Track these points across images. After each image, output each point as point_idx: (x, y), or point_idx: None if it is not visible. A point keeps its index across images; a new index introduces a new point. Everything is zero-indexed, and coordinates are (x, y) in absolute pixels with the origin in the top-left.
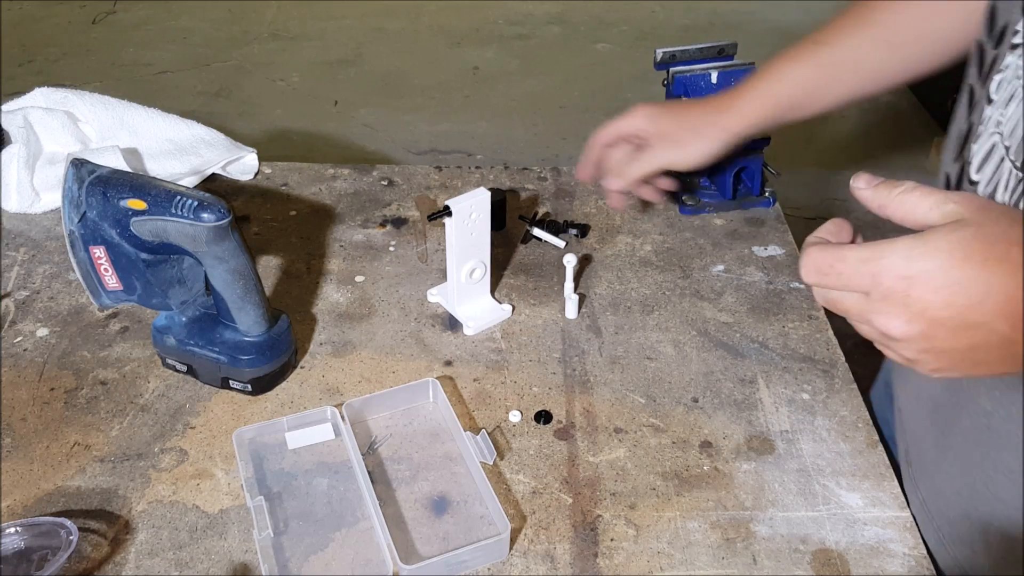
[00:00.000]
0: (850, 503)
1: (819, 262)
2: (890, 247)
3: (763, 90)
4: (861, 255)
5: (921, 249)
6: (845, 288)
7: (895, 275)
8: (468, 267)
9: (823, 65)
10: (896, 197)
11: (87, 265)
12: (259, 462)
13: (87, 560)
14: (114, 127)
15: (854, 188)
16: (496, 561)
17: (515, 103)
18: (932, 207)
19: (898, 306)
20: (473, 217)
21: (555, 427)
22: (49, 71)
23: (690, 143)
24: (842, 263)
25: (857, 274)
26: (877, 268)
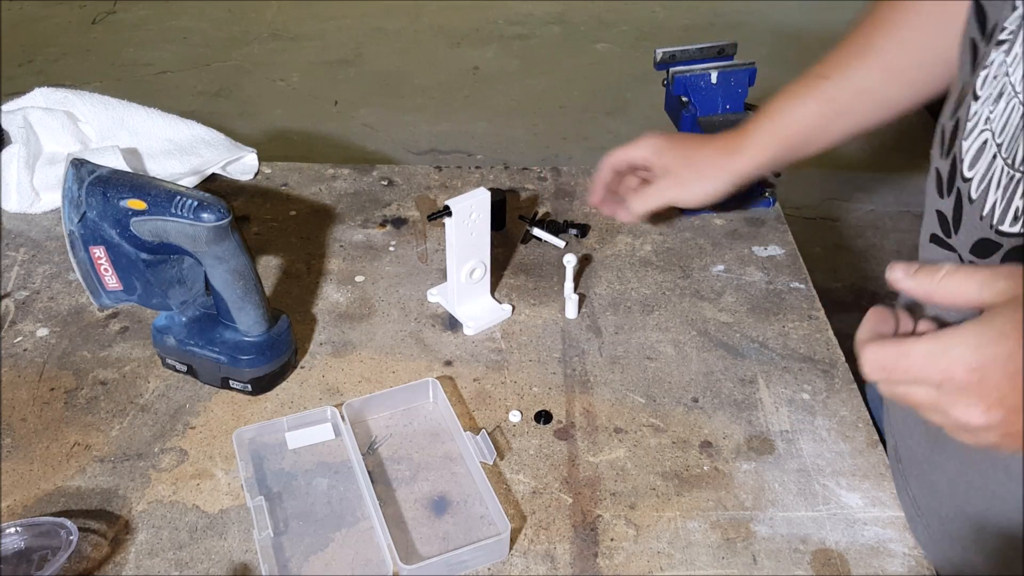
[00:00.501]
0: (850, 503)
1: (883, 360)
2: (956, 337)
3: (769, 130)
4: (928, 349)
5: (988, 336)
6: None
7: (966, 367)
8: (468, 267)
9: (828, 100)
10: (940, 283)
11: (87, 265)
12: (259, 462)
13: (87, 560)
14: (114, 127)
15: (892, 280)
16: (496, 561)
17: (515, 103)
18: (982, 286)
19: (974, 396)
20: (473, 217)
21: (555, 427)
22: (49, 71)
23: (693, 184)
24: (907, 359)
25: (926, 368)
26: (947, 362)
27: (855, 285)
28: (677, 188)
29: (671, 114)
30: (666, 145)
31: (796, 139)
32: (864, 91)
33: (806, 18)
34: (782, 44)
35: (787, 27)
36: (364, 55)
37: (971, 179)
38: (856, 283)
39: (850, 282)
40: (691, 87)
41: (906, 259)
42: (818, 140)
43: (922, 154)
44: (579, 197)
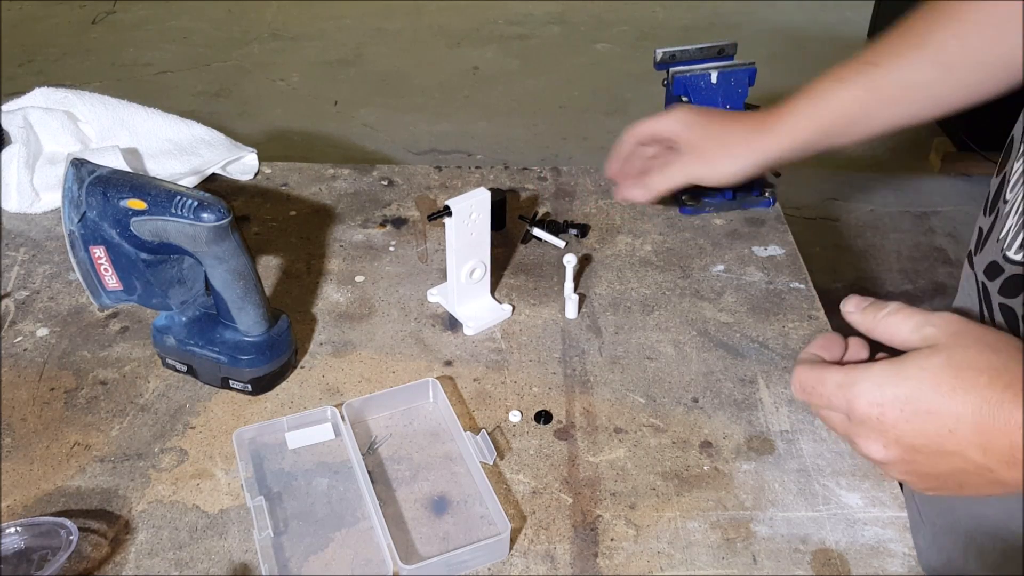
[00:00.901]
0: (850, 503)
1: (804, 381)
2: (865, 373)
3: (807, 112)
4: (838, 379)
5: (893, 377)
6: (827, 408)
7: (867, 401)
8: (468, 267)
9: (873, 88)
10: (881, 320)
11: (87, 265)
12: (259, 462)
13: (87, 560)
14: (114, 127)
15: (844, 312)
16: (496, 561)
17: (515, 103)
18: (913, 330)
19: (874, 431)
20: (473, 217)
21: (555, 427)
22: (49, 71)
23: (719, 161)
24: (822, 385)
25: (835, 397)
26: (851, 394)
27: (855, 285)
28: (702, 165)
29: None
30: (695, 119)
31: (834, 124)
32: (914, 84)
33: (806, 18)
34: (782, 44)
35: (787, 27)
36: (364, 55)
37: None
38: (856, 283)
39: (850, 282)
40: (691, 87)
41: (906, 259)
42: (856, 129)
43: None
44: (579, 197)
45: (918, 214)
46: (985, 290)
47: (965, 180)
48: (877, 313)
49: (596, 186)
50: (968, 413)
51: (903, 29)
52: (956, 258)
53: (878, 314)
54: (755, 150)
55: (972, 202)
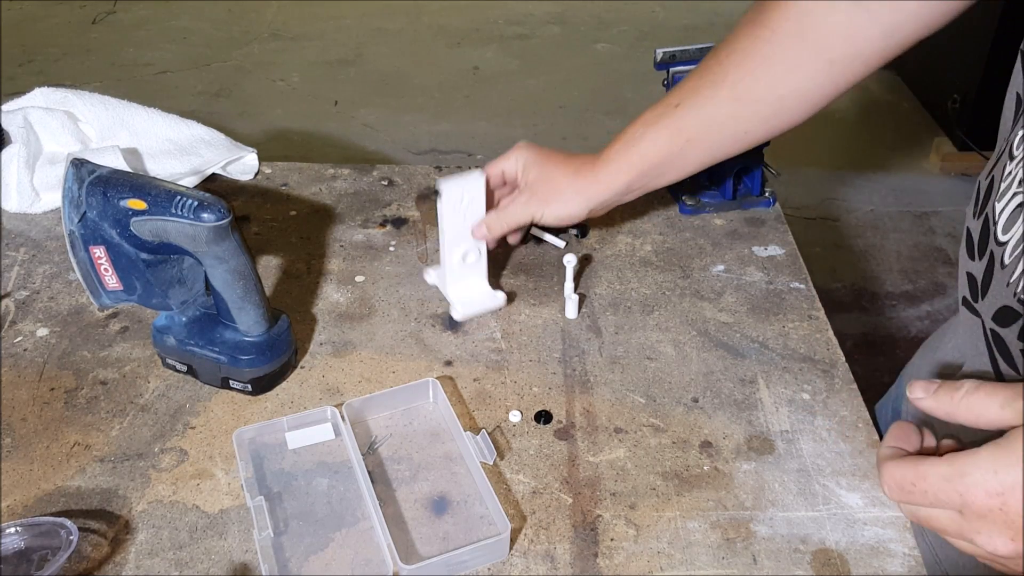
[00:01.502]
0: (850, 503)
1: (900, 480)
2: (973, 461)
3: (624, 158)
4: (944, 472)
5: (1006, 459)
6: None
7: (985, 492)
8: (460, 250)
9: (677, 129)
10: (961, 402)
11: (87, 265)
12: (259, 462)
13: (87, 560)
14: (114, 127)
15: (913, 400)
16: (496, 561)
17: (515, 103)
18: (1003, 405)
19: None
20: (465, 201)
21: (555, 427)
22: (49, 71)
23: (553, 204)
24: (924, 481)
25: (943, 492)
26: (964, 487)
27: (855, 285)
28: (536, 206)
29: None
30: (533, 159)
31: (649, 167)
32: (714, 122)
33: None
34: None
35: None
36: (364, 55)
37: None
38: (856, 283)
39: (850, 282)
40: None
41: (906, 259)
42: (670, 169)
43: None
44: None
45: (918, 214)
46: (997, 337)
47: (965, 180)
48: (954, 395)
49: None
50: None
51: (701, 70)
52: (956, 258)
53: (955, 395)
54: (583, 195)
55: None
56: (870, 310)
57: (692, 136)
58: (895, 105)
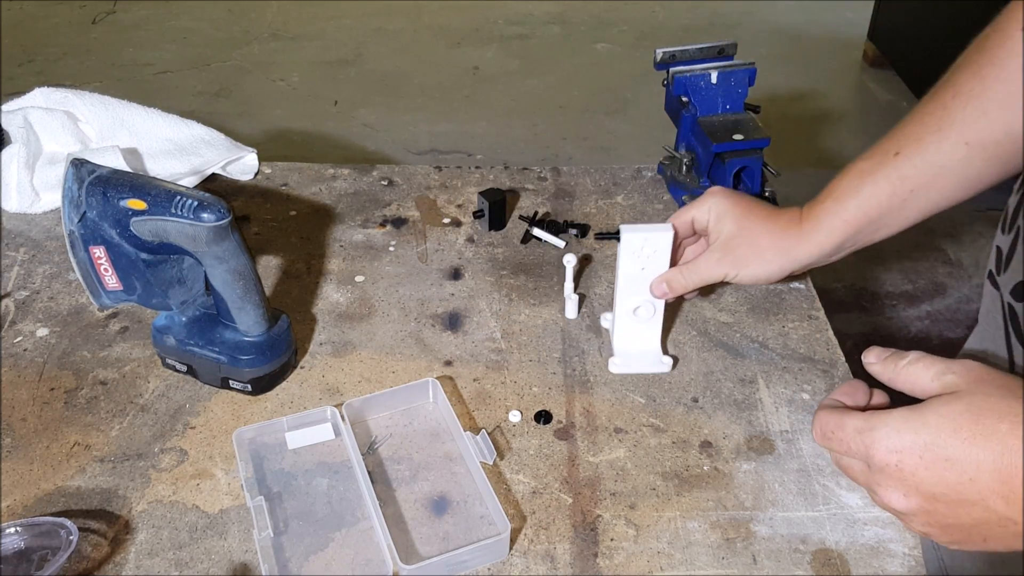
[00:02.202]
0: (850, 503)
1: (824, 426)
2: (883, 419)
3: (838, 214)
4: (857, 424)
5: (912, 423)
6: (846, 455)
7: (886, 448)
8: (633, 303)
9: (901, 179)
10: (902, 369)
11: (87, 265)
12: (259, 462)
13: (87, 560)
14: (114, 127)
15: (865, 364)
16: (496, 561)
17: (515, 103)
18: (934, 378)
19: (893, 479)
20: (646, 253)
21: (555, 427)
22: (49, 71)
23: (751, 265)
24: (841, 430)
25: (854, 443)
26: (870, 440)
27: (855, 285)
28: (730, 266)
29: (671, 114)
30: (730, 211)
31: (866, 223)
32: (943, 169)
33: (806, 18)
34: (782, 44)
35: (787, 27)
36: (364, 55)
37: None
38: (856, 283)
39: (850, 282)
40: (691, 87)
41: (906, 259)
42: (888, 224)
43: None
44: (579, 197)
45: None
46: (1012, 312)
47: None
48: (898, 363)
49: (596, 186)
50: (988, 460)
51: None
52: (956, 258)
53: (899, 363)
54: (786, 256)
55: (972, 202)
56: (870, 310)
57: (917, 186)
58: (895, 105)
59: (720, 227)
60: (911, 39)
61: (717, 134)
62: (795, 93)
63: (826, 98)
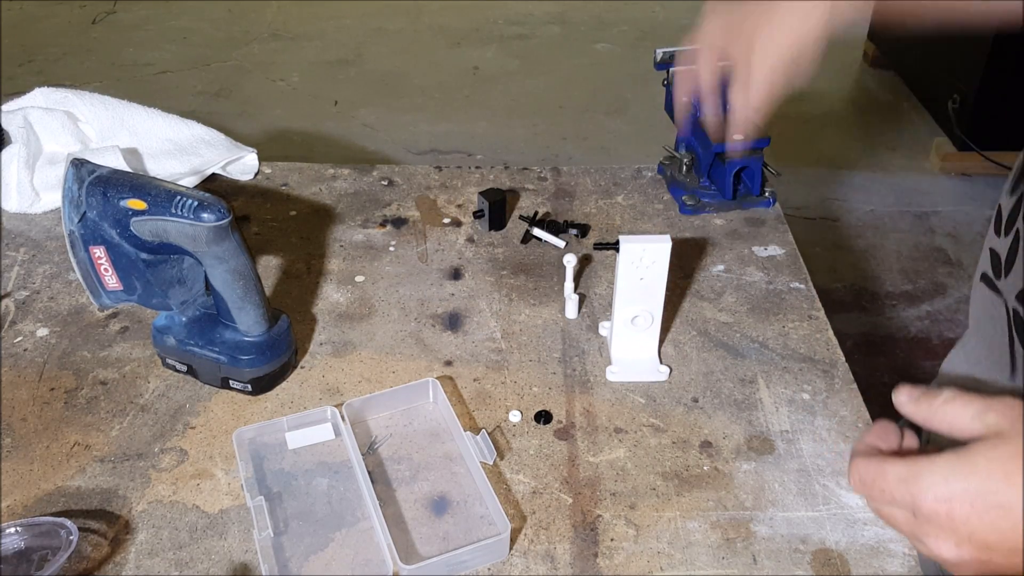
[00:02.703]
0: (850, 503)
1: (863, 475)
2: (929, 466)
3: None
4: (901, 473)
5: (960, 470)
6: (890, 504)
7: (934, 497)
8: (630, 312)
9: None
10: (938, 410)
11: (87, 265)
12: (259, 462)
13: (87, 560)
14: (114, 127)
15: (897, 404)
16: (496, 561)
17: (515, 103)
18: (974, 417)
19: (944, 530)
20: (645, 262)
21: (555, 427)
22: (49, 71)
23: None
24: (883, 479)
25: (898, 492)
26: (916, 489)
27: (855, 285)
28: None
29: (671, 114)
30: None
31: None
32: None
33: None
34: None
35: None
36: (364, 55)
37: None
38: (856, 283)
39: (850, 282)
40: None
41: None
42: None
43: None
44: (579, 197)
45: (918, 214)
46: (1018, 317)
47: (965, 180)
48: (932, 402)
49: (596, 186)
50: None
51: None
52: (956, 258)
53: (933, 403)
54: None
55: (972, 202)
56: (870, 310)
57: None
58: (895, 105)
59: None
60: (911, 39)
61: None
62: (795, 93)
63: (826, 98)
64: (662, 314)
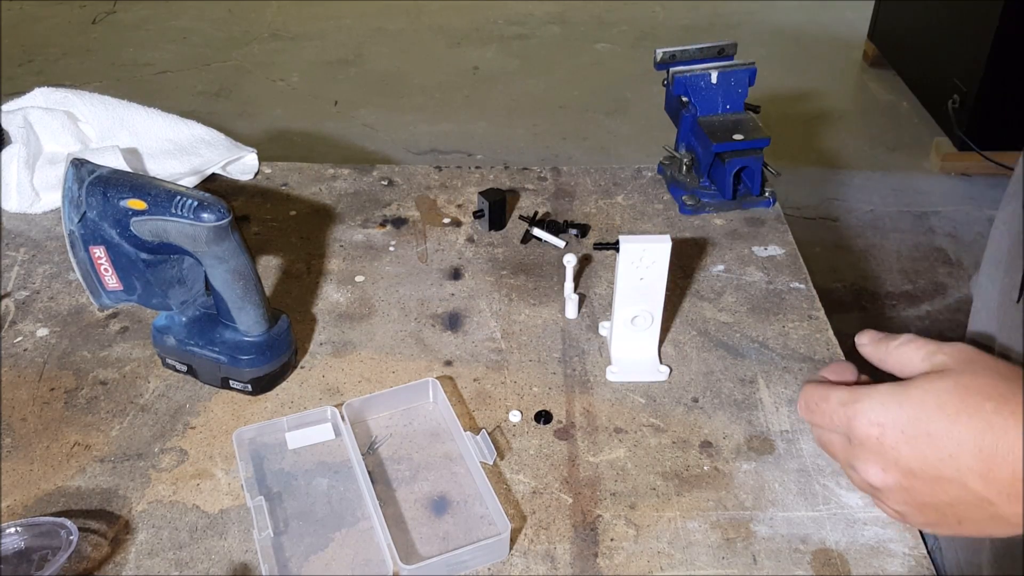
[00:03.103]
0: (850, 503)
1: (808, 398)
2: (868, 392)
3: None
4: (842, 397)
5: (897, 397)
6: (827, 427)
7: (868, 420)
8: (630, 312)
9: None
10: (893, 351)
11: (87, 265)
12: (259, 462)
13: (87, 560)
14: (114, 127)
15: (858, 345)
16: (496, 561)
17: (515, 103)
18: (924, 358)
19: (873, 453)
20: (645, 262)
21: (555, 427)
22: (49, 71)
23: None
24: (825, 402)
25: (836, 415)
26: (853, 411)
27: (855, 285)
28: None
29: (671, 114)
30: None
31: None
32: None
33: (806, 18)
34: (782, 44)
35: (787, 27)
36: (364, 55)
37: None
38: (856, 283)
39: (850, 282)
40: (691, 87)
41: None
42: None
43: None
44: (579, 197)
45: (918, 214)
46: None
47: (965, 180)
48: (889, 343)
49: (596, 186)
50: (970, 438)
51: None
52: (956, 258)
53: (890, 344)
54: None
55: (972, 202)
56: (870, 310)
57: None
58: (895, 105)
59: None
60: (911, 39)
61: (717, 134)
62: (795, 93)
63: (826, 98)
64: (662, 314)
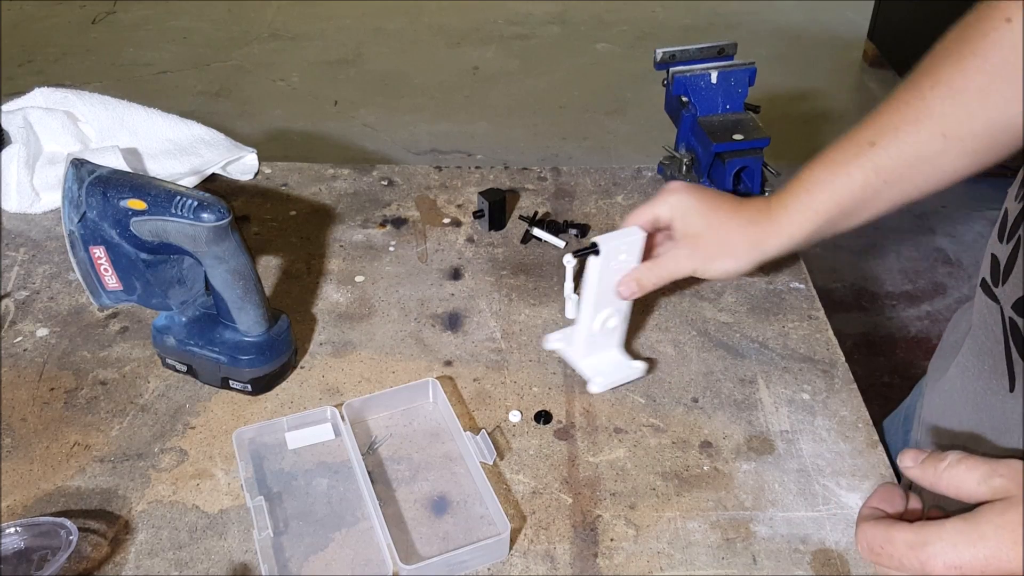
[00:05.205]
0: (850, 503)
1: (871, 541)
2: (938, 532)
3: (808, 204)
4: (909, 539)
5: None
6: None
7: (943, 563)
8: (604, 314)
9: (875, 169)
10: (943, 473)
11: (87, 265)
12: (259, 462)
13: (87, 560)
14: (114, 127)
15: (903, 468)
16: (496, 561)
17: (515, 103)
18: (980, 481)
19: None
20: (622, 258)
21: (555, 427)
22: (49, 71)
23: (717, 258)
24: (891, 544)
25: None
26: (925, 556)
27: (855, 285)
28: (698, 260)
29: (671, 114)
30: (692, 205)
31: (837, 213)
32: (918, 160)
33: (806, 18)
34: (782, 44)
35: (787, 27)
36: (364, 55)
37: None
38: (856, 283)
39: (850, 282)
40: (691, 87)
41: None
42: (861, 213)
43: None
44: (579, 197)
45: (918, 214)
46: (1014, 327)
47: (965, 180)
48: (938, 465)
49: (596, 186)
50: None
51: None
52: (956, 258)
53: (939, 467)
54: (756, 247)
55: (972, 202)
56: (870, 310)
57: (891, 177)
58: None
59: (686, 223)
60: (911, 39)
61: (717, 134)
62: (795, 93)
63: (826, 98)
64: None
